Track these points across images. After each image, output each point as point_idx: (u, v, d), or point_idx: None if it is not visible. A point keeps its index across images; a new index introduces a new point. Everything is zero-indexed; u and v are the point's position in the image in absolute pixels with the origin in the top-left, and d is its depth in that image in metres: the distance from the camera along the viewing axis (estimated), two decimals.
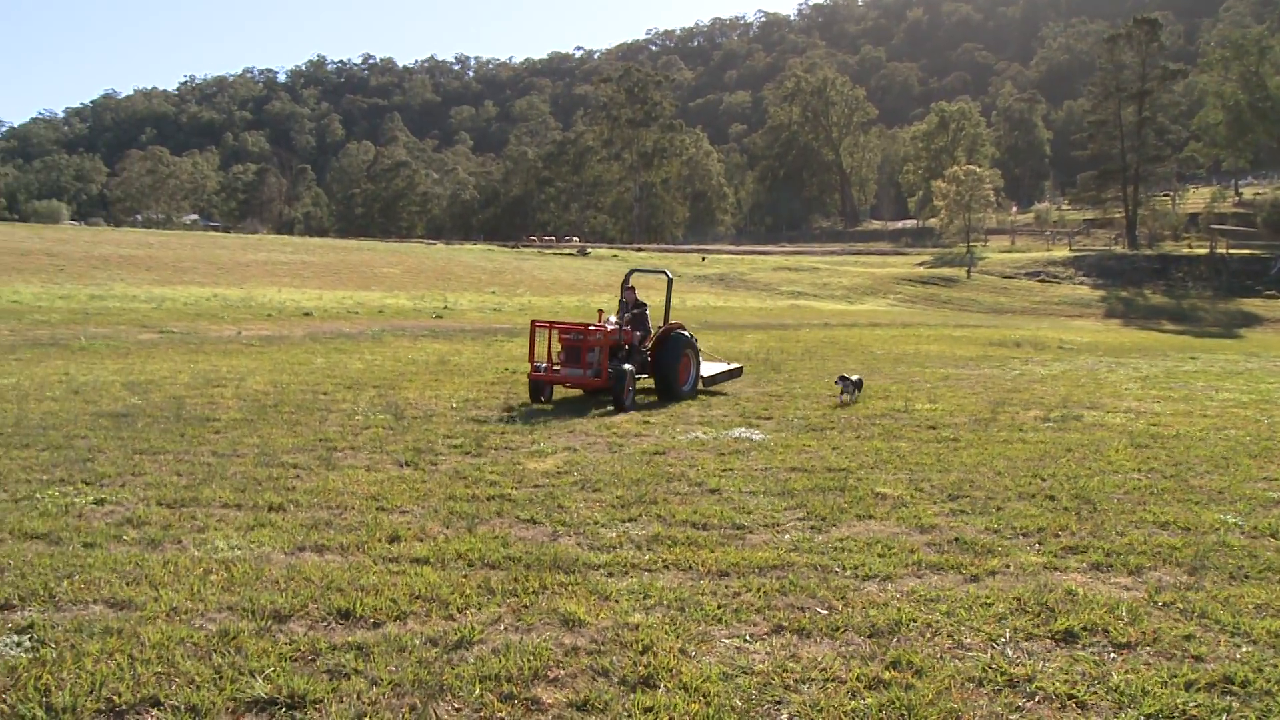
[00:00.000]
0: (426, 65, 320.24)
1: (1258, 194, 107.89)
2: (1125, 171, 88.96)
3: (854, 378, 15.79)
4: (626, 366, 14.70)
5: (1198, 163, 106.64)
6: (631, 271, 17.83)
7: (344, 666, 5.04)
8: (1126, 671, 5.20)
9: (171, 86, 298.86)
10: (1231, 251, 72.51)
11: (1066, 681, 5.07)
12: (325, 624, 5.67)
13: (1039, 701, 4.88)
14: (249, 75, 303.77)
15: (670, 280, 17.98)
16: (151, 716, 4.47)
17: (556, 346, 15.49)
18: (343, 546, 7.14)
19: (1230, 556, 7.28)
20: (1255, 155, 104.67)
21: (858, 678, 5.07)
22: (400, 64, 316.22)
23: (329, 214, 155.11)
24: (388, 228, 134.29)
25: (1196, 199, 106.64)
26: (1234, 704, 4.89)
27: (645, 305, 16.64)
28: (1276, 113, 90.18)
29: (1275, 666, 5.32)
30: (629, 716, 4.58)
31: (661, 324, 16.64)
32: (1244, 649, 5.58)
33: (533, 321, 16.00)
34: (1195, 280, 66.65)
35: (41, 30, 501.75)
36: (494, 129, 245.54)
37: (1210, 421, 14.21)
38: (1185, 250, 76.95)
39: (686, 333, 16.41)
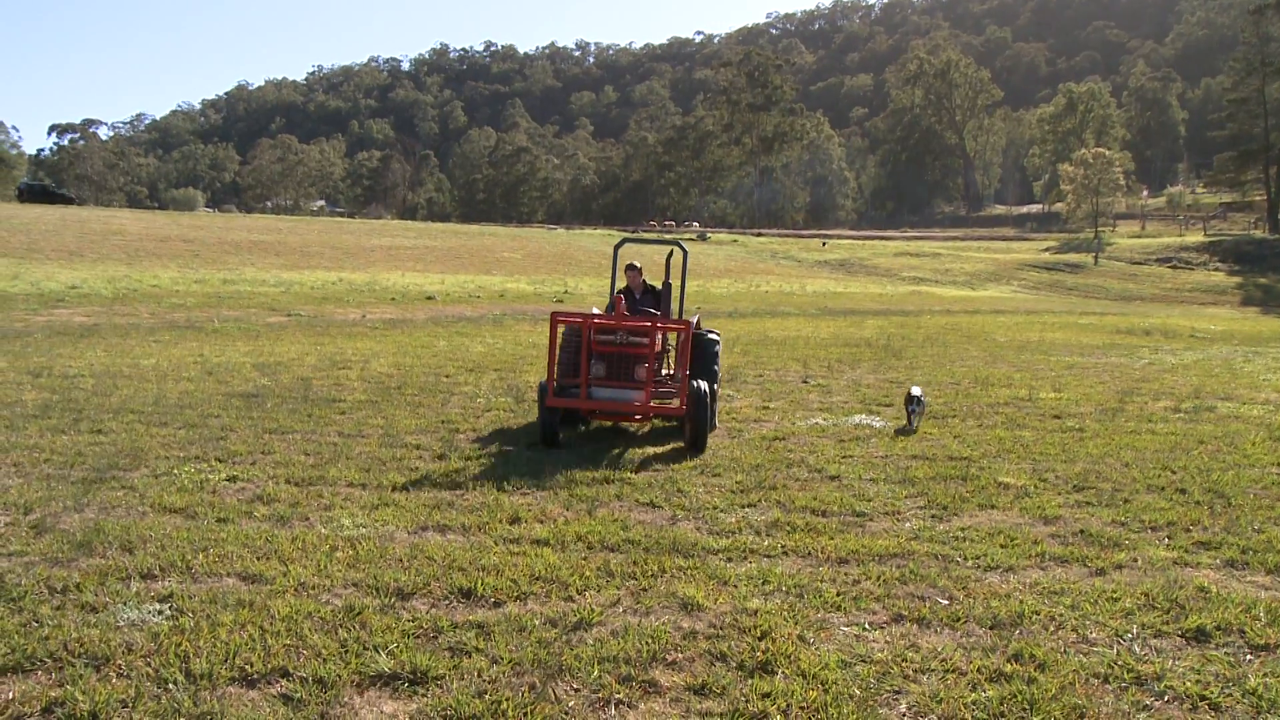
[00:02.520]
0: (547, 51, 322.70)
1: None
2: (1268, 152, 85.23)
3: (918, 393, 11.74)
4: (700, 384, 10.10)
5: None
6: (623, 242, 12.77)
7: (465, 644, 5.12)
8: (1264, 674, 4.99)
9: (300, 77, 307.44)
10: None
11: (1199, 682, 4.89)
12: (447, 602, 5.76)
13: (1168, 701, 4.71)
14: (374, 64, 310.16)
15: (685, 256, 12.73)
16: (280, 686, 4.61)
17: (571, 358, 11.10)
18: (464, 527, 7.25)
19: None
20: None
21: (978, 669, 4.97)
22: (521, 50, 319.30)
23: (451, 199, 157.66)
24: (509, 213, 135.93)
25: None
26: None
27: (668, 288, 12.45)
28: None
29: None
30: (746, 701, 4.56)
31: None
32: None
33: (553, 314, 10.45)
34: None
35: (179, 26, 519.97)
36: (614, 114, 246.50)
37: None
38: None
39: (715, 335, 11.90)
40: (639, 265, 12.28)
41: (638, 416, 10.84)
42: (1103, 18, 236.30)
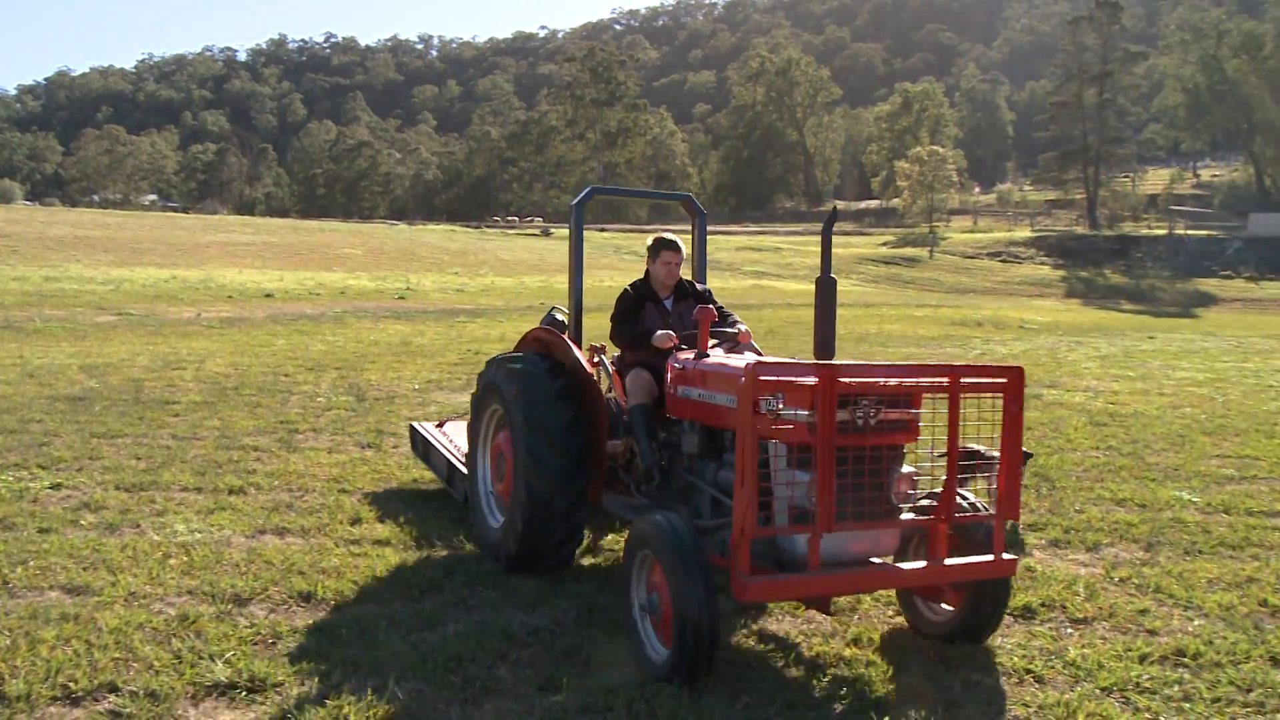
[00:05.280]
0: (389, 44, 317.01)
1: (1215, 176, 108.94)
2: (1086, 153, 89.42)
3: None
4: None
5: (1157, 144, 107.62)
6: (591, 194, 7.90)
7: (305, 650, 5.03)
8: (1083, 646, 5.29)
9: (129, 64, 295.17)
10: (1189, 232, 73.23)
11: (1024, 656, 5.15)
12: (286, 607, 5.65)
13: (997, 676, 4.94)
14: (208, 54, 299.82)
15: (703, 220, 8.17)
16: (108, 702, 4.43)
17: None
18: (304, 529, 7.12)
19: (1184, 532, 7.41)
20: (1213, 138, 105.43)
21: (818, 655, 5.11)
22: (362, 43, 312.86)
23: (290, 195, 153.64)
24: (350, 208, 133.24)
25: (1156, 180, 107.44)
26: (1186, 676, 4.98)
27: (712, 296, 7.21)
28: (1234, 96, 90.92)
29: (1225, 639, 5.43)
30: (590, 696, 4.58)
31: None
32: (1196, 623, 5.71)
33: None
34: (1154, 260, 67.18)
35: None
36: (457, 109, 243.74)
37: (1167, 400, 14.39)
38: (1144, 231, 77.50)
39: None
40: (679, 243, 7.00)
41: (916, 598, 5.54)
42: (936, 21, 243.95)
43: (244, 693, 4.55)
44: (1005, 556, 5.02)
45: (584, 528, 6.54)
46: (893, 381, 4.85)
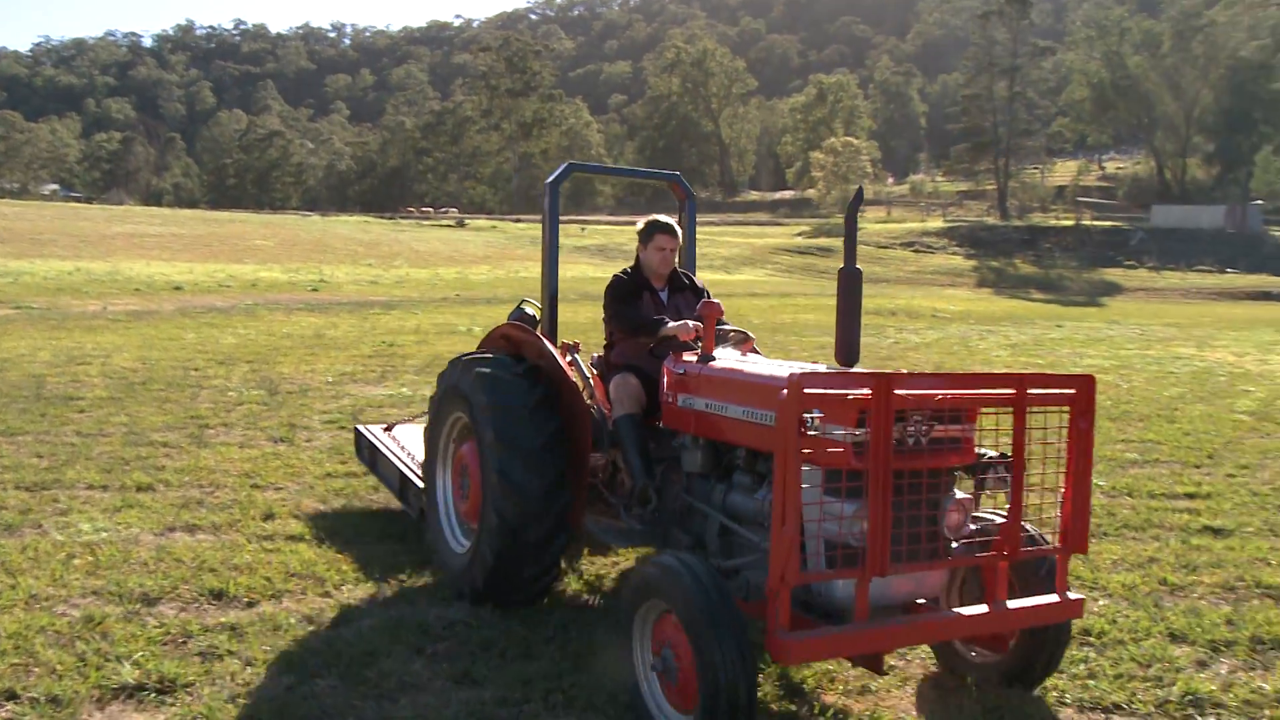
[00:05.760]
0: (301, 32, 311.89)
1: (1119, 168, 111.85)
2: (997, 145, 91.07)
3: None
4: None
5: (1064, 137, 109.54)
6: (569, 171, 6.92)
7: (217, 648, 4.93)
8: None
9: (24, 48, 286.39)
10: (1095, 223, 75.02)
11: None
12: (197, 605, 5.54)
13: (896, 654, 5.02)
14: (111, 39, 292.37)
15: (692, 207, 7.23)
16: (7, 710, 4.29)
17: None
18: (215, 526, 6.98)
19: (1090, 515, 7.57)
20: (1117, 131, 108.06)
21: None
22: (273, 30, 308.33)
23: (200, 185, 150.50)
24: (261, 199, 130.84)
25: (1063, 172, 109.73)
26: (1091, 654, 5.13)
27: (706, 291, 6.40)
28: (1135, 91, 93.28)
29: (1128, 617, 5.60)
30: (508, 689, 4.56)
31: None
32: (1101, 602, 5.88)
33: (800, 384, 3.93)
34: (1062, 250, 68.66)
35: None
36: (371, 98, 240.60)
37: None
38: (1053, 222, 79.16)
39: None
40: (675, 226, 6.24)
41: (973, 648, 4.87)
42: (850, 13, 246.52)
43: (153, 694, 4.45)
44: (1071, 596, 4.41)
45: (562, 558, 5.74)
46: (953, 394, 4.13)
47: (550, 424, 5.48)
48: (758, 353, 5.85)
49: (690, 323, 5.46)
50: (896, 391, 3.85)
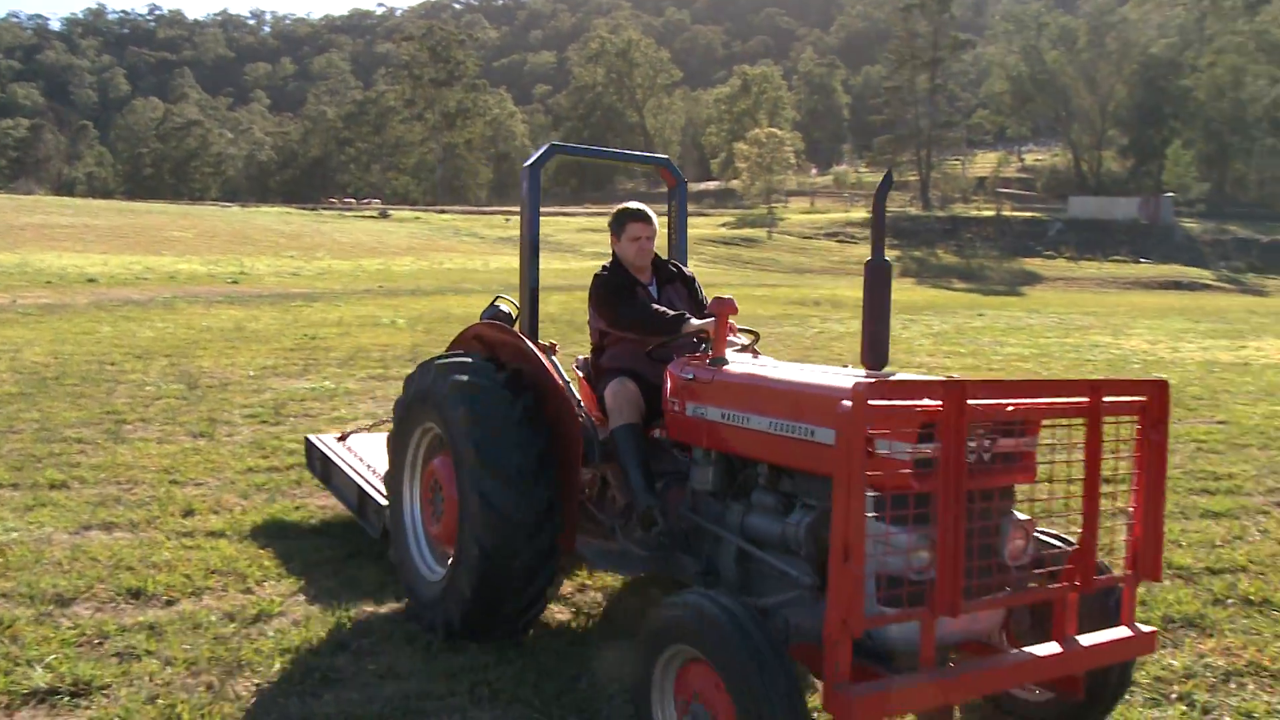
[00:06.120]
0: (219, 19, 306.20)
1: (1038, 160, 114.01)
2: (918, 136, 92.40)
3: None
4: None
5: (984, 129, 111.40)
6: (552, 152, 6.09)
7: (134, 648, 4.83)
8: None
9: None
10: (1014, 214, 76.47)
11: None
12: (114, 605, 5.42)
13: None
14: (14, 21, 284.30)
15: (683, 191, 6.81)
16: None
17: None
18: (133, 523, 6.84)
19: None
20: (1035, 124, 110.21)
21: None
22: (190, 16, 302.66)
23: (114, 175, 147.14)
24: (179, 189, 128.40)
25: (984, 163, 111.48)
26: None
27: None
28: (1053, 85, 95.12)
29: None
30: (431, 681, 4.54)
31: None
32: None
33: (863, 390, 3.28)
34: (982, 241, 69.82)
35: None
36: (292, 87, 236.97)
37: (995, 375, 14.97)
38: (973, 212, 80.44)
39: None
40: (649, 213, 5.70)
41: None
42: (774, 5, 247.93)
43: (66, 698, 4.34)
44: (1143, 629, 3.92)
45: (549, 589, 5.07)
46: (1029, 403, 3.62)
47: (537, 441, 4.86)
48: (755, 353, 5.26)
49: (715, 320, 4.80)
50: (971, 401, 3.34)
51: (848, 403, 3.14)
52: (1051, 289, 52.04)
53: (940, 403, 3.30)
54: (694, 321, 4.93)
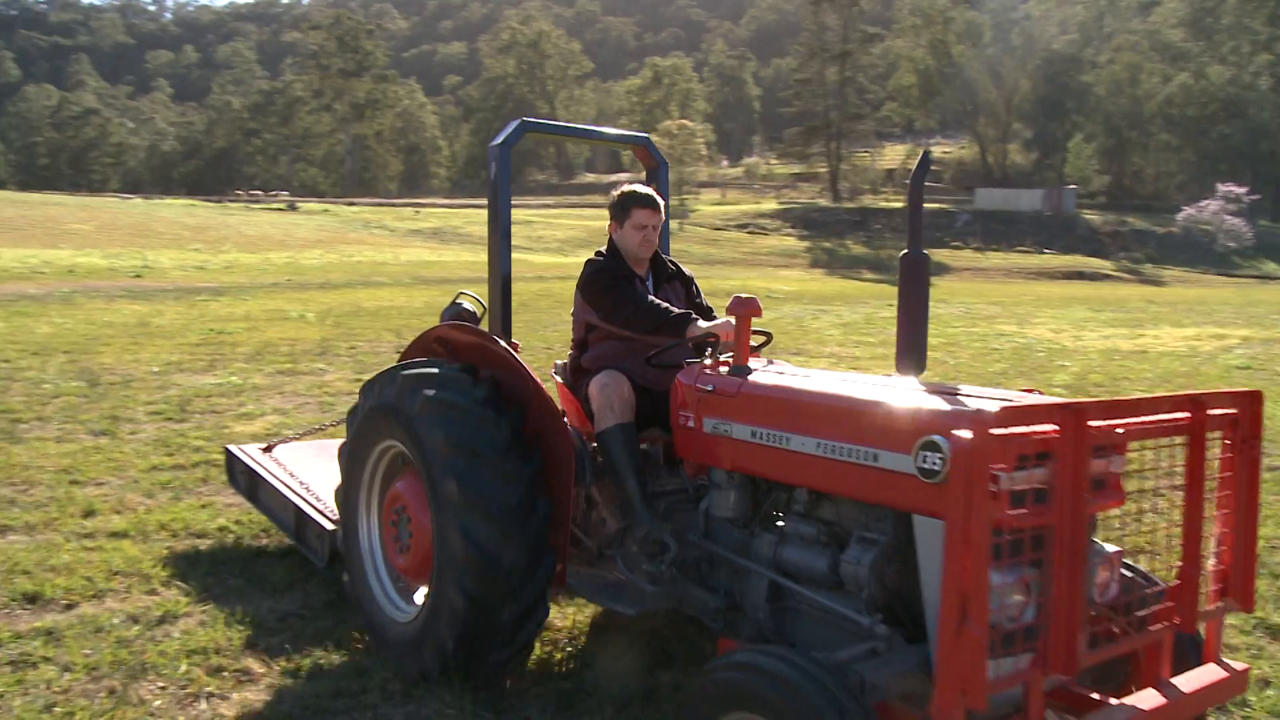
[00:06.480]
0: (118, 4, 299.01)
1: (945, 152, 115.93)
2: (828, 128, 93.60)
3: None
4: None
5: (893, 122, 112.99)
6: (523, 128, 5.35)
7: (30, 655, 4.68)
8: None
9: None
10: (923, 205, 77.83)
11: None
12: (8, 611, 5.25)
13: None
14: None
15: (665, 171, 6.01)
16: None
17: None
18: (29, 525, 6.63)
19: None
20: (943, 117, 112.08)
21: None
22: (85, 1, 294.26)
23: (6, 165, 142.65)
24: (78, 180, 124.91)
25: (893, 155, 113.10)
26: None
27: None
28: (960, 79, 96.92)
29: None
30: (343, 679, 4.47)
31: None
32: None
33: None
34: (891, 231, 70.85)
35: None
36: (195, 76, 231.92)
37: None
38: (882, 204, 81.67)
39: None
40: (658, 199, 5.08)
41: None
42: None
43: None
44: (1235, 665, 3.41)
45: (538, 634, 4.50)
46: (1145, 421, 3.11)
47: (528, 468, 4.22)
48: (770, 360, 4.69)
49: (733, 319, 4.22)
50: (1091, 424, 2.86)
51: (965, 433, 2.69)
52: (959, 279, 52.95)
53: (1055, 427, 2.85)
54: (701, 323, 4.41)
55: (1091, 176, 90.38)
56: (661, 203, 5.01)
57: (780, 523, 3.94)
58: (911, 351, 3.56)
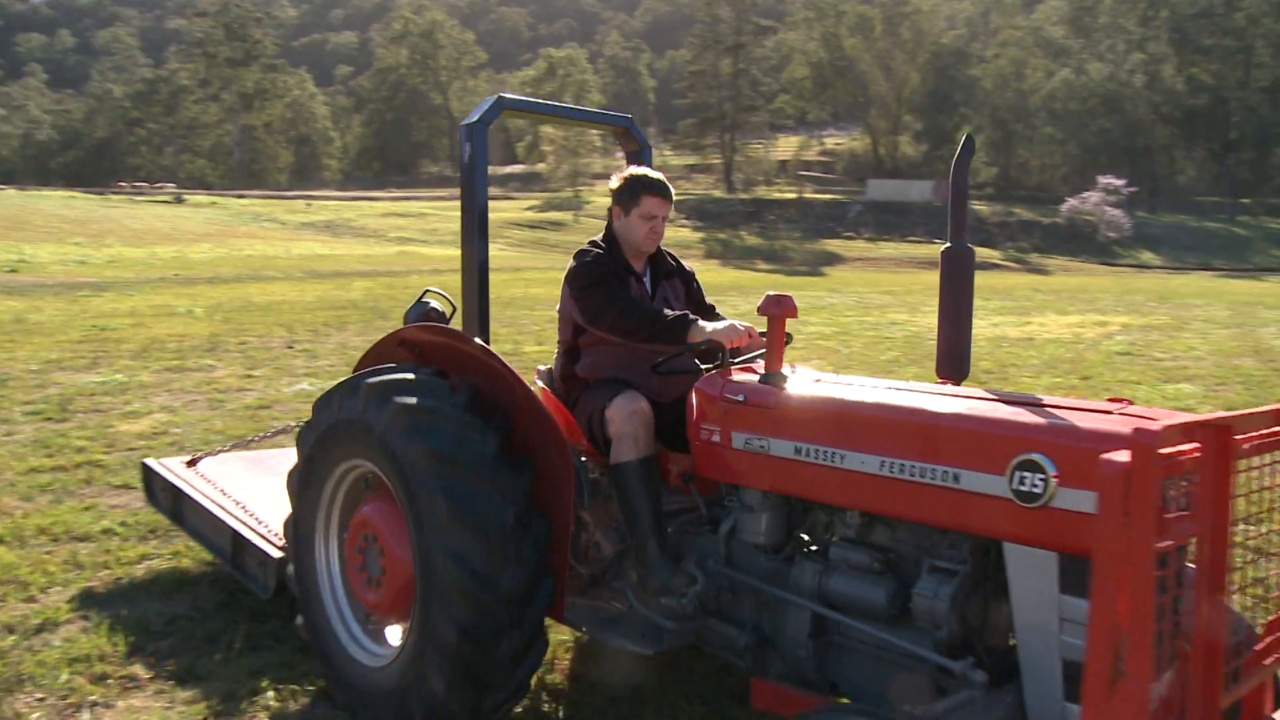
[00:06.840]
0: None
1: (838, 144, 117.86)
2: (723, 120, 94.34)
3: None
4: None
5: (786, 114, 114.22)
6: (500, 105, 5.22)
7: None
8: None
9: None
10: (816, 196, 78.89)
11: None
12: None
13: None
14: None
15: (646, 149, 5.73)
16: None
17: None
18: None
19: None
20: (835, 109, 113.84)
21: None
22: None
23: None
24: None
25: (786, 147, 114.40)
26: None
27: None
28: (851, 71, 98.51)
29: None
30: (237, 683, 4.38)
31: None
32: None
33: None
34: (785, 222, 71.71)
35: None
36: (72, 62, 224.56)
37: (798, 354, 15.36)
38: (776, 195, 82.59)
39: None
40: (669, 187, 4.65)
41: None
42: None
43: None
44: None
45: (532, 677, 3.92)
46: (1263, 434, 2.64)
47: (522, 482, 3.74)
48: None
49: (740, 324, 3.95)
50: (1239, 440, 2.49)
51: (1122, 456, 2.26)
52: (852, 269, 53.77)
53: (1197, 445, 2.44)
54: (704, 326, 3.95)
55: (979, 168, 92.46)
56: (673, 193, 4.56)
57: (823, 549, 3.55)
58: (953, 355, 3.26)
